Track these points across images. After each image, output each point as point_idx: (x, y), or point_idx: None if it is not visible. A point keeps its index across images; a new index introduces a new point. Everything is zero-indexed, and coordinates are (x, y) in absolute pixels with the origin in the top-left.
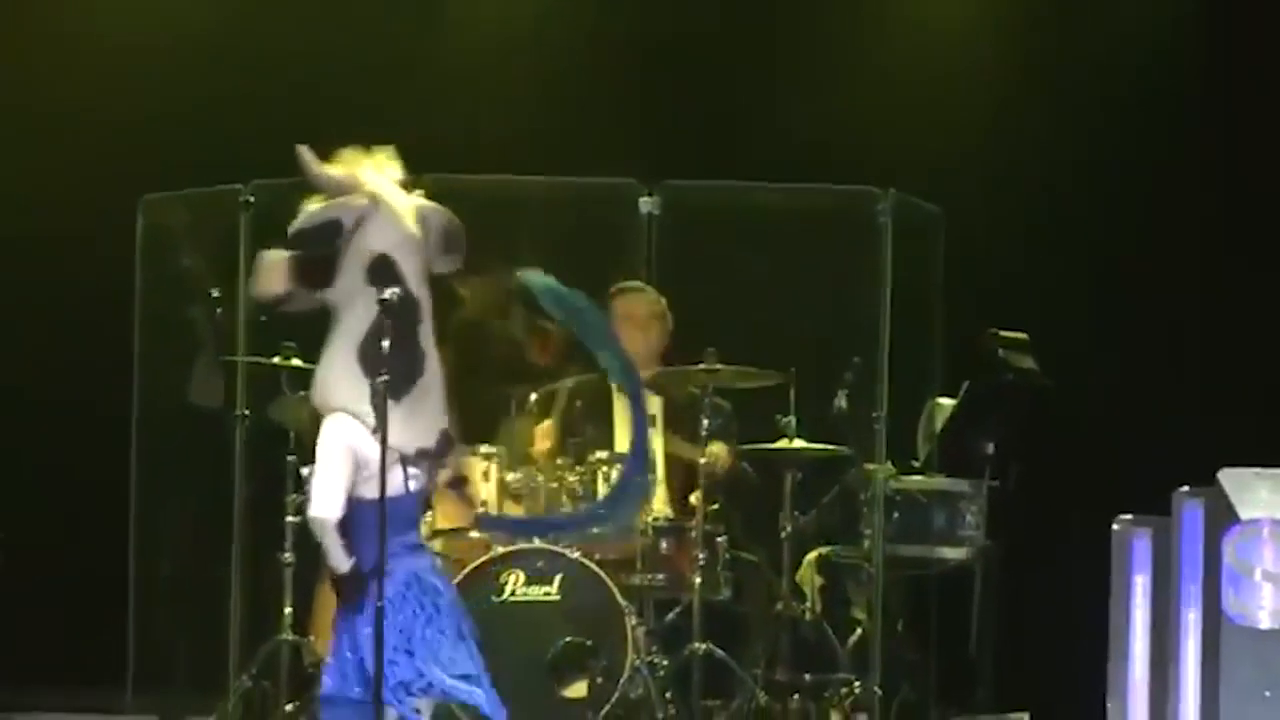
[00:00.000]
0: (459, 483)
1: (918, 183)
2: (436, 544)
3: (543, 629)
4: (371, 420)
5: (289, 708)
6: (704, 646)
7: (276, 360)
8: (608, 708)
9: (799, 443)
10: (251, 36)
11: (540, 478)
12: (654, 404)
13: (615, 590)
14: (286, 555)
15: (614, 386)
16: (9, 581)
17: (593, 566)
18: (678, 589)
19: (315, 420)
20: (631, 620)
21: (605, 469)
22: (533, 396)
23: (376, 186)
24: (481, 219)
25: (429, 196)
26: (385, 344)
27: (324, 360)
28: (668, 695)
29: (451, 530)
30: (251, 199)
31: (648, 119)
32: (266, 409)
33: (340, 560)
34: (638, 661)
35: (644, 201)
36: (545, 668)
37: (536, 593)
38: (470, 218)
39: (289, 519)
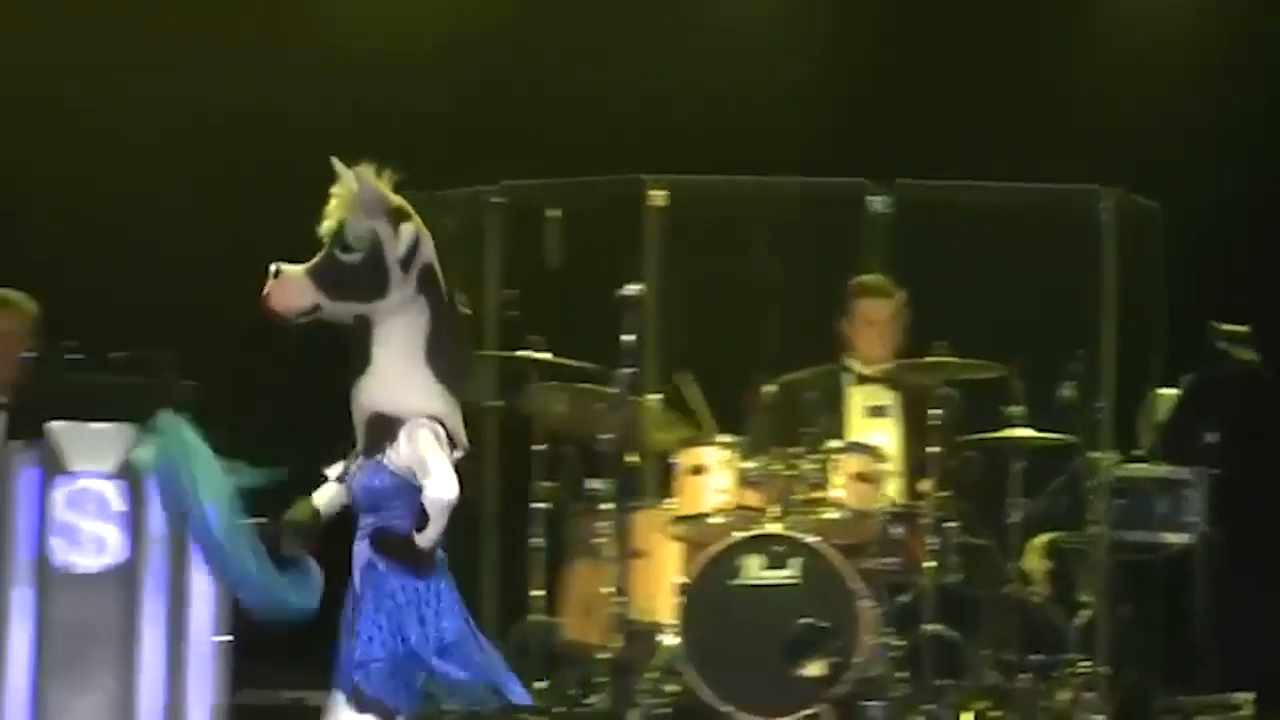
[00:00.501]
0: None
1: (1140, 177)
2: (678, 529)
3: (780, 611)
4: (449, 422)
5: (539, 686)
6: (936, 628)
7: (525, 353)
8: (844, 686)
9: (1026, 432)
10: (503, 38)
11: (777, 467)
12: (888, 396)
13: (851, 574)
14: (536, 540)
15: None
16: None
17: (829, 551)
18: (911, 573)
19: (563, 411)
20: (866, 603)
21: (837, 459)
22: (768, 388)
23: (401, 201)
24: (716, 219)
25: (668, 198)
26: (630, 338)
27: (383, 363)
28: (901, 675)
29: (691, 516)
30: (501, 200)
31: (880, 117)
32: (515, 400)
33: (435, 538)
34: (872, 642)
35: (874, 200)
36: (783, 648)
37: (774, 576)
38: (705, 218)
39: (538, 506)
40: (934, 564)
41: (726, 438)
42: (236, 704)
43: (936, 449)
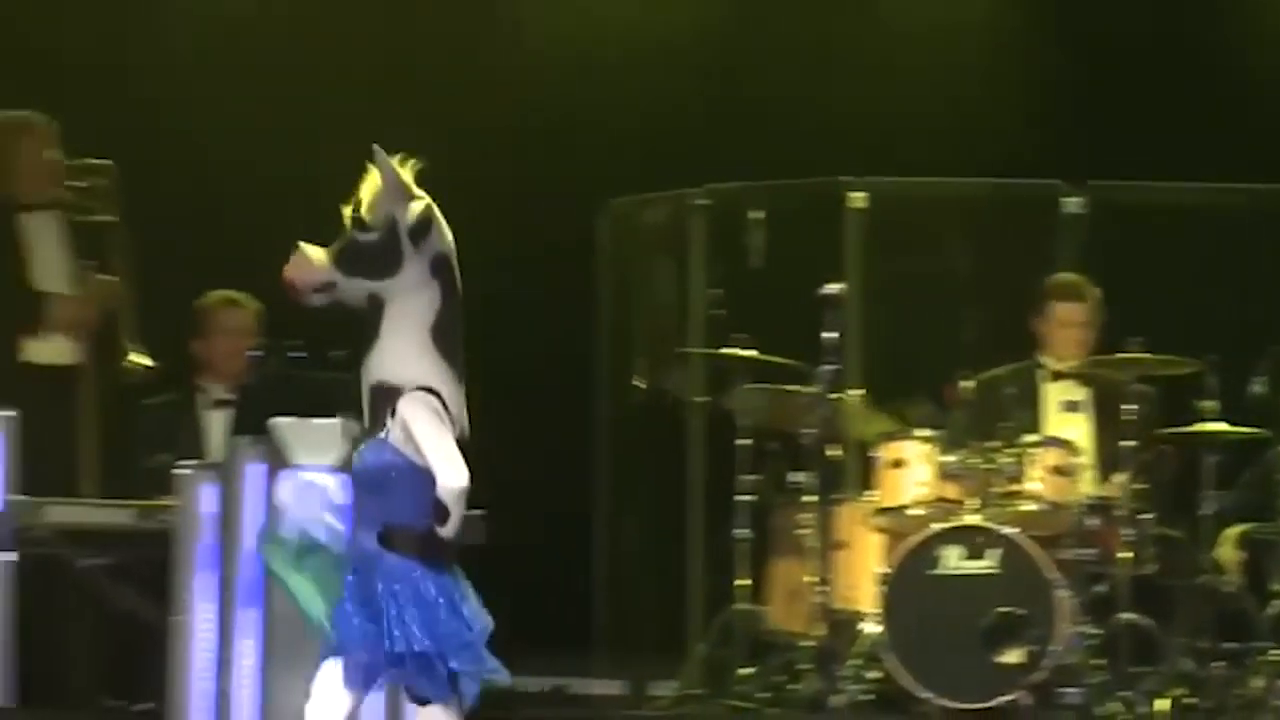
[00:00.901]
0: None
1: None
2: (879, 521)
3: (979, 600)
4: (450, 403)
5: (744, 673)
6: (1131, 617)
7: (730, 351)
8: (1041, 673)
9: (1219, 426)
10: (705, 42)
11: (975, 460)
12: (1082, 391)
13: (1048, 564)
14: (741, 532)
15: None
16: (490, 552)
17: (1026, 542)
18: (1106, 564)
19: (767, 406)
20: (1063, 592)
21: (1033, 452)
22: (966, 384)
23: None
24: (913, 219)
25: (867, 199)
26: (832, 336)
27: (391, 339)
28: (1097, 662)
29: (892, 509)
30: (705, 202)
31: (1075, 118)
32: (721, 397)
33: (456, 528)
34: (1069, 630)
35: (1068, 202)
36: (982, 636)
37: (973, 566)
38: (902, 218)
39: (742, 498)
40: (1129, 555)
41: (926, 432)
42: None
43: (1130, 443)
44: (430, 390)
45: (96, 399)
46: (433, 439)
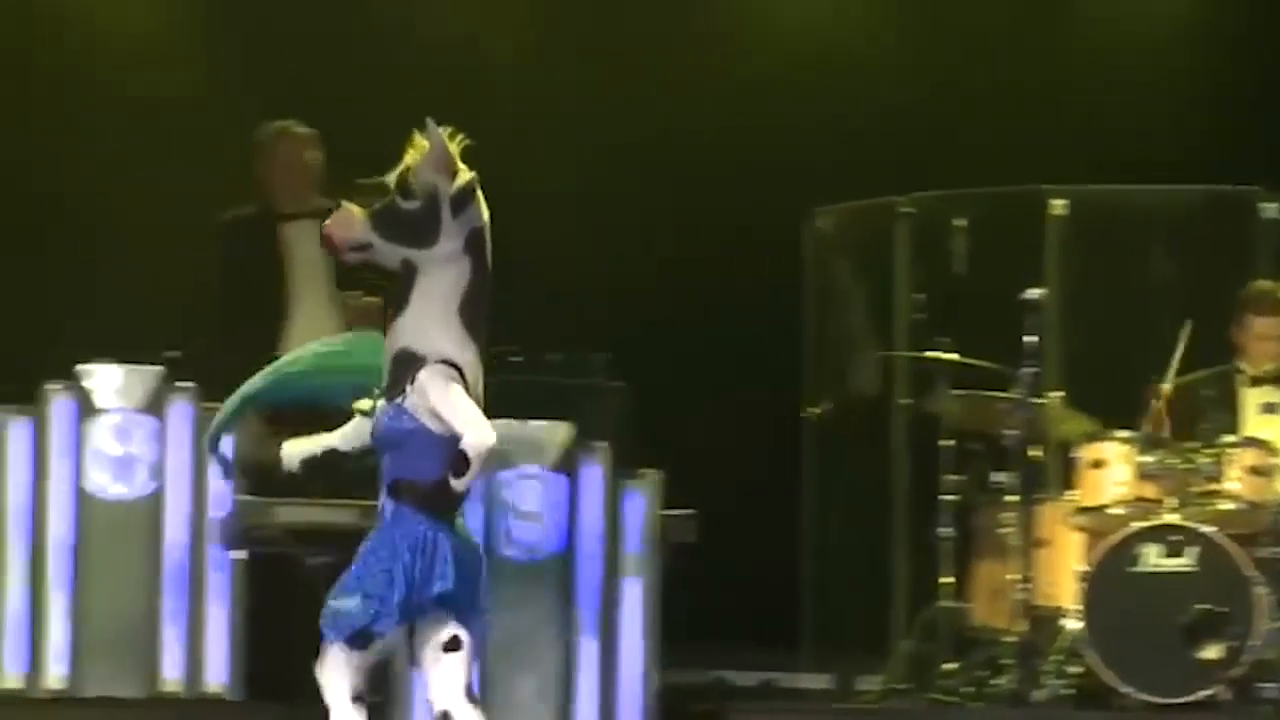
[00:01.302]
0: None
1: None
2: (1079, 520)
3: (1178, 597)
4: (469, 375)
5: (948, 668)
6: None
7: (934, 355)
8: (1240, 669)
9: None
10: (911, 49)
11: (1173, 461)
12: (1277, 394)
13: (1246, 562)
14: (945, 530)
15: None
16: (701, 551)
17: (1224, 540)
18: None
19: (970, 408)
20: (1261, 589)
21: (1231, 452)
22: (1165, 386)
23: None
24: (1112, 226)
25: (1067, 207)
26: (1032, 340)
27: (419, 307)
28: None
29: (1092, 508)
30: (910, 210)
31: (1274, 122)
32: (925, 400)
33: (469, 481)
34: (1267, 627)
35: (1266, 208)
36: (1181, 632)
37: (1172, 564)
38: (1101, 225)
39: (945, 498)
40: None
41: (1124, 433)
42: (666, 682)
43: None
44: (450, 363)
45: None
46: (455, 405)
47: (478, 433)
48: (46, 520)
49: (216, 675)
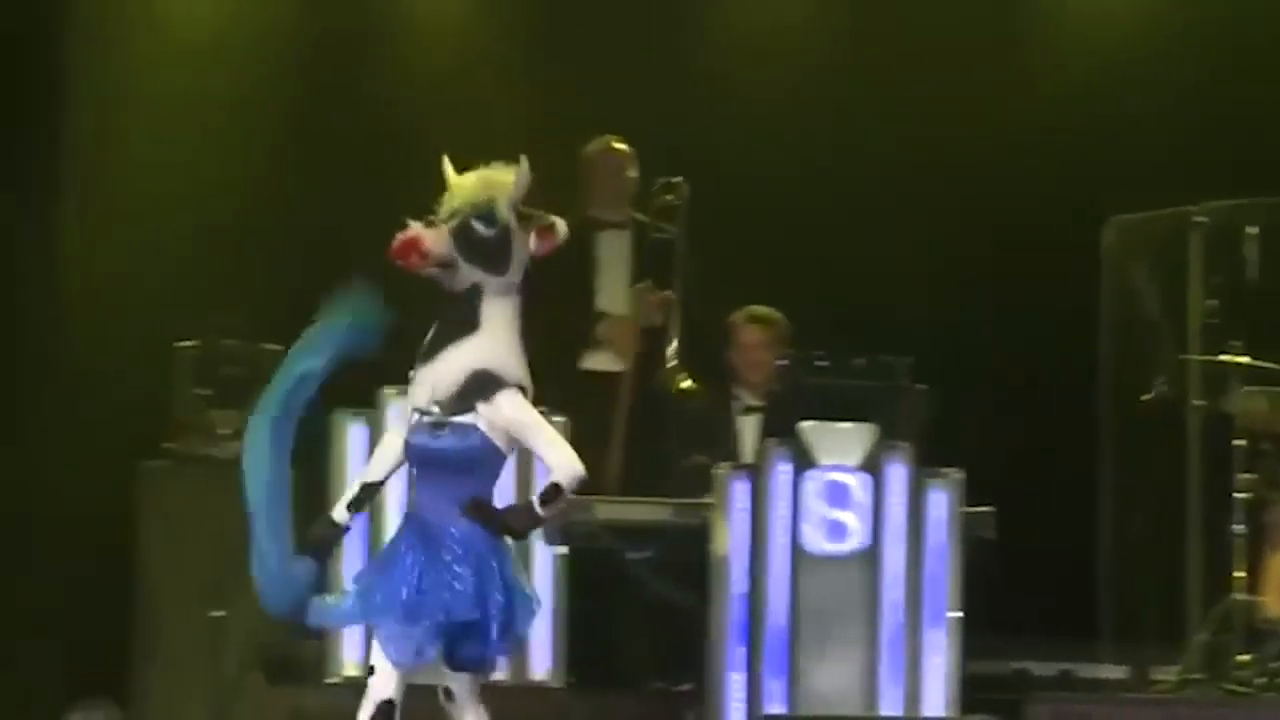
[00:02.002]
0: None
1: None
2: None
3: None
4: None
5: (1242, 659)
6: None
7: (1228, 358)
8: None
9: None
10: (1194, 58)
11: None
12: None
13: None
14: (1238, 527)
15: None
16: (1000, 547)
17: None
18: None
19: (1263, 409)
20: None
21: None
22: None
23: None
24: None
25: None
26: None
27: (492, 330)
28: None
29: None
30: (1202, 219)
31: None
32: (1218, 400)
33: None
34: None
35: None
36: None
37: None
38: None
39: (1238, 495)
40: None
41: None
42: (968, 673)
43: None
44: (524, 389)
45: (631, 405)
46: (547, 434)
47: (574, 465)
48: None
49: (542, 664)
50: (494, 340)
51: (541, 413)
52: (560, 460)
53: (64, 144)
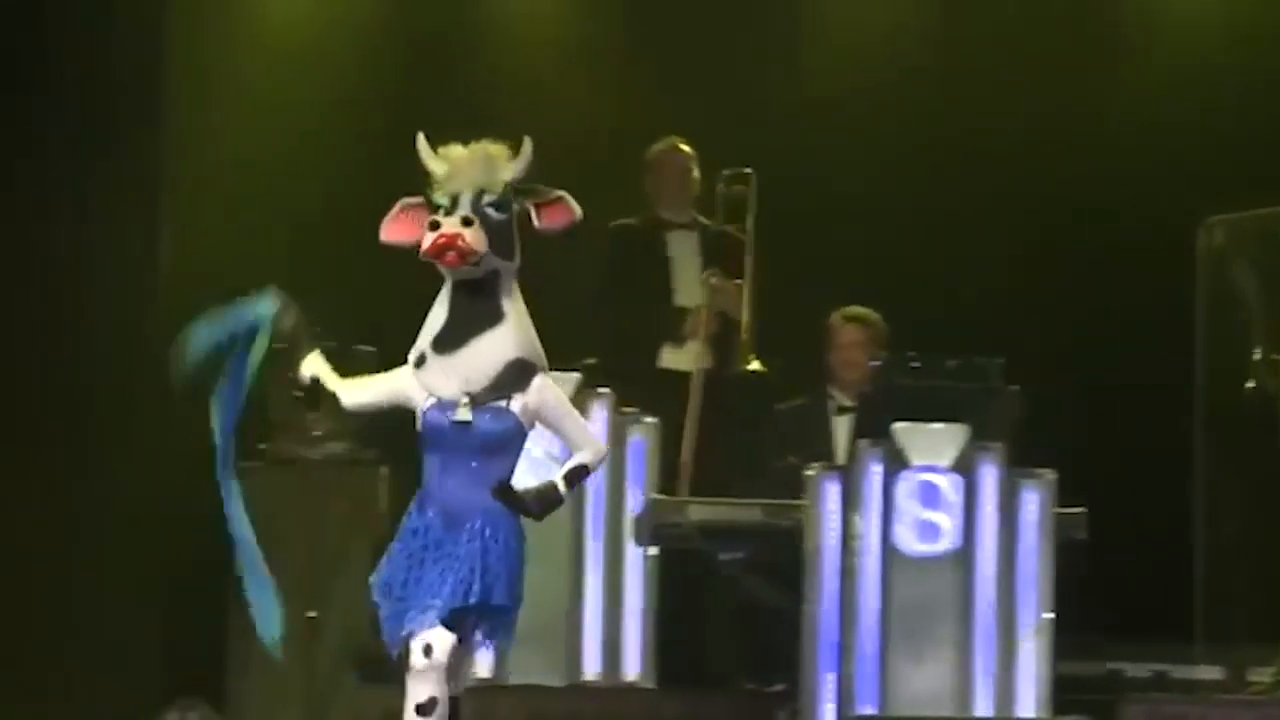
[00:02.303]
0: None
1: None
2: None
3: None
4: None
5: None
6: None
7: None
8: None
9: None
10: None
11: None
12: None
13: None
14: None
15: None
16: (1092, 548)
17: None
18: None
19: None
20: None
21: None
22: None
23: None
24: None
25: None
26: None
27: (517, 318)
28: None
29: None
30: None
31: None
32: None
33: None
34: None
35: None
36: None
37: None
38: None
39: None
40: None
41: None
42: (1060, 674)
43: None
44: (547, 370)
45: (708, 403)
46: (579, 418)
47: (598, 444)
48: None
49: (633, 665)
50: (521, 328)
51: (632, 413)
52: (587, 440)
53: (164, 142)
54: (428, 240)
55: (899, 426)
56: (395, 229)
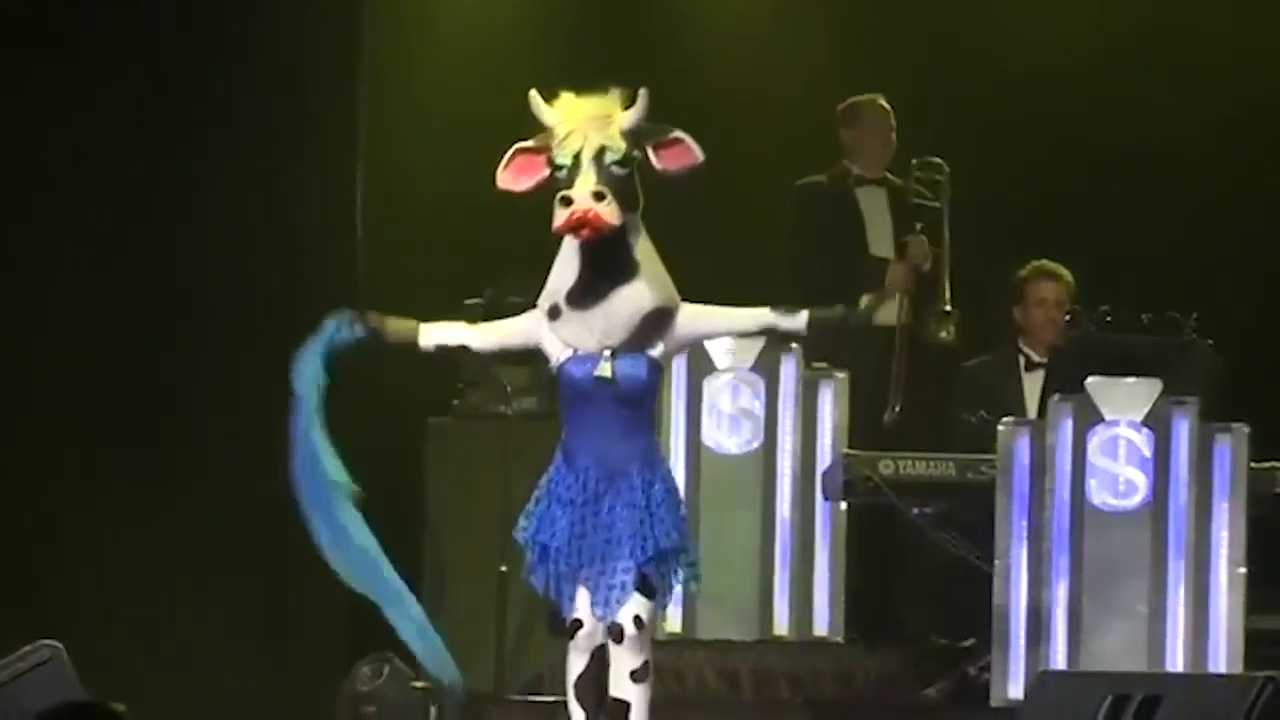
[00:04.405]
0: None
1: None
2: None
3: None
4: None
5: None
6: None
7: None
8: None
9: None
10: None
11: None
12: None
13: None
14: None
15: None
16: None
17: None
18: None
19: None
20: None
21: None
22: None
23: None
24: None
25: None
26: None
27: (649, 268)
28: None
29: None
30: None
31: None
32: None
33: None
34: None
35: None
36: None
37: None
38: None
39: None
40: None
41: None
42: (1251, 628)
43: None
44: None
45: (906, 358)
46: (728, 310)
47: (764, 309)
48: None
49: (823, 620)
50: (654, 274)
51: (822, 369)
52: (753, 313)
53: (361, 103)
54: (560, 216)
55: (1092, 381)
56: (513, 175)
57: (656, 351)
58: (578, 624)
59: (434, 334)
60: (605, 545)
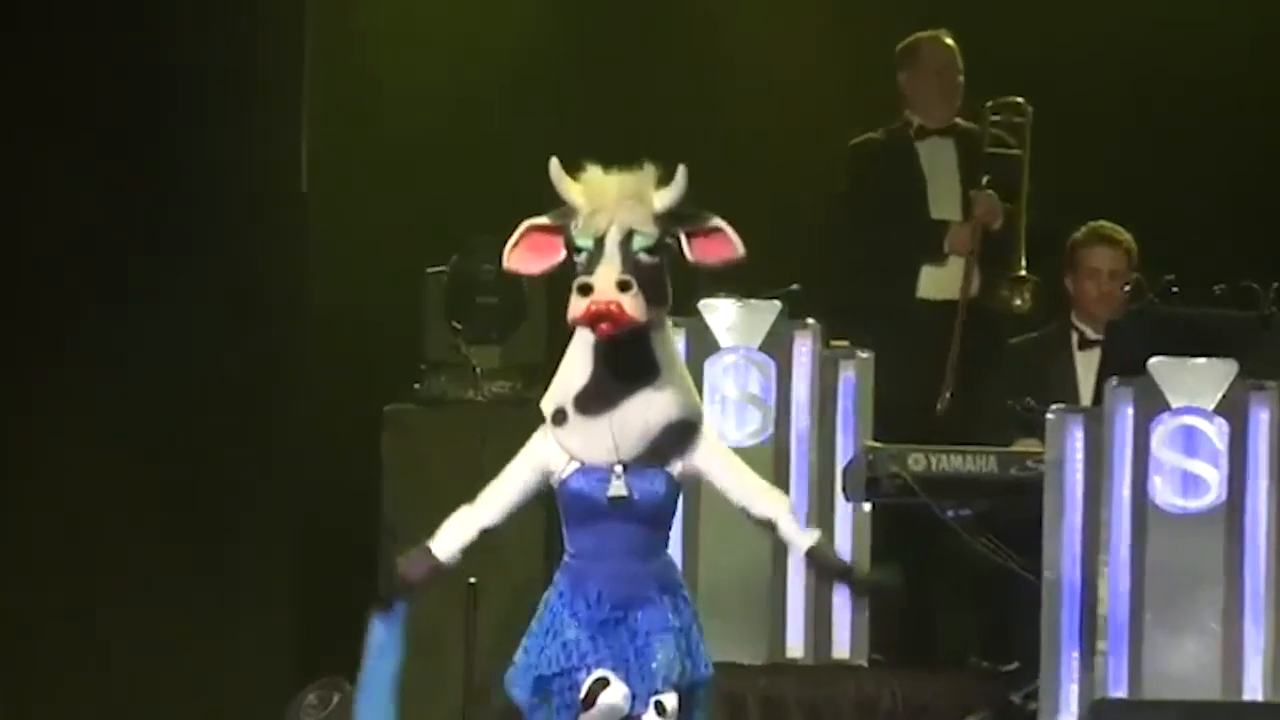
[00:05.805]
0: None
1: None
2: None
3: None
4: None
5: None
6: None
7: None
8: None
9: None
10: None
11: None
12: None
13: None
14: None
15: None
16: None
17: None
18: None
19: None
20: None
21: None
22: None
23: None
24: None
25: None
26: None
27: (671, 372)
28: None
29: None
30: None
31: None
32: None
33: None
34: None
35: None
36: None
37: None
38: None
39: None
40: None
41: None
42: None
43: None
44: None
45: (965, 337)
46: (748, 470)
47: (784, 498)
48: None
49: (843, 640)
50: (678, 381)
51: (843, 348)
52: (771, 492)
53: (311, 64)
54: (578, 307)
55: (1156, 362)
56: (522, 256)
57: (675, 469)
58: (603, 683)
59: (448, 545)
60: (637, 658)
